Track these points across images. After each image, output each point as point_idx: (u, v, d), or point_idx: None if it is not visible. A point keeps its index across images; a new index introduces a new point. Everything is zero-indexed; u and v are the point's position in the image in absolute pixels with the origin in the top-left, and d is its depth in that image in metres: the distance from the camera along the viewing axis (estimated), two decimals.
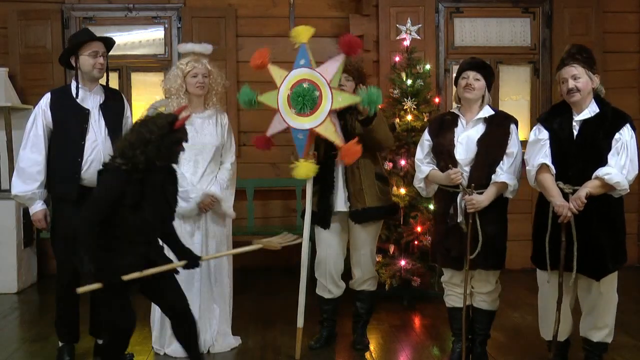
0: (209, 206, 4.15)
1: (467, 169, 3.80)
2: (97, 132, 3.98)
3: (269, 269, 6.28)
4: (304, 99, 3.96)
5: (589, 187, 3.48)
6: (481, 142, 3.80)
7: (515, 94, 6.72)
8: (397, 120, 5.42)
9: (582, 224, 3.53)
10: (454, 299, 4.02)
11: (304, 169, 4.05)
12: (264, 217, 6.61)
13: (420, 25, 6.01)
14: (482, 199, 3.74)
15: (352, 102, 4.01)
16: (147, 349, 4.34)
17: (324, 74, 3.97)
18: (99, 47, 4.00)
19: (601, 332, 3.75)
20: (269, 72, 4.14)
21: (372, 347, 4.44)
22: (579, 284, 3.73)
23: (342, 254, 4.35)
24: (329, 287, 4.35)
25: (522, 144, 3.89)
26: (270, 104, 4.12)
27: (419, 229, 5.27)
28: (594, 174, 3.48)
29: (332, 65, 4.00)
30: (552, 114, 3.73)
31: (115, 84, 6.48)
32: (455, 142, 3.84)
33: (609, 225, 3.60)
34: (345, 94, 4.04)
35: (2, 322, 5.07)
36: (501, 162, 3.78)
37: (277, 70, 4.13)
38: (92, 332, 4.21)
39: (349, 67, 4.16)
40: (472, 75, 3.86)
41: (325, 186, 4.21)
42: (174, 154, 3.37)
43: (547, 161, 3.60)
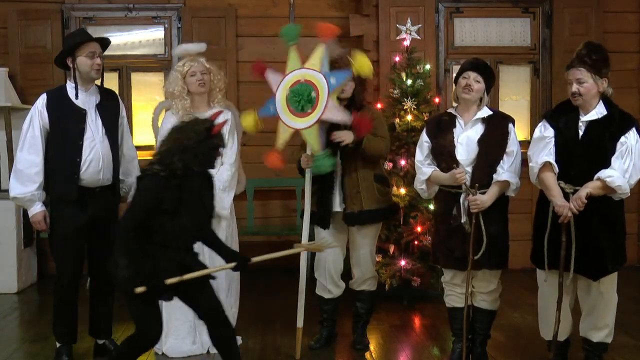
0: None
1: (469, 169, 3.80)
2: (94, 131, 3.97)
3: (269, 269, 6.27)
4: (303, 98, 3.96)
5: (589, 188, 3.48)
6: (481, 142, 3.80)
7: (515, 94, 6.72)
8: (397, 120, 5.42)
9: (582, 224, 3.53)
10: (454, 299, 4.01)
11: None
12: (264, 217, 6.61)
13: (420, 25, 6.01)
14: (486, 198, 3.74)
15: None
16: None
17: (311, 66, 3.98)
18: (95, 47, 3.99)
19: (601, 332, 3.75)
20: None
21: (372, 347, 4.44)
22: (579, 284, 3.74)
23: (341, 254, 4.35)
24: (329, 287, 4.35)
25: (521, 144, 3.90)
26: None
27: (419, 229, 5.27)
28: (596, 175, 3.48)
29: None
30: (559, 112, 3.72)
31: (115, 84, 6.51)
32: (455, 143, 3.84)
33: (609, 226, 3.59)
34: (338, 72, 4.01)
35: (2, 322, 5.07)
36: (501, 162, 3.78)
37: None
38: (91, 332, 4.21)
39: (339, 62, 4.15)
40: (472, 76, 3.86)
41: (324, 186, 4.21)
42: (211, 160, 3.32)
43: (551, 159, 3.59)
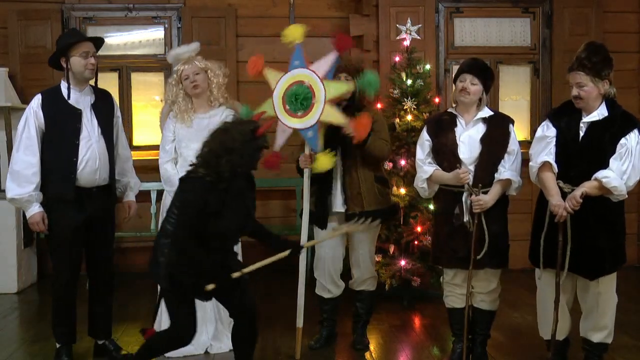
0: None
1: (472, 168, 3.81)
2: (90, 131, 3.97)
3: (269, 269, 6.27)
4: (297, 99, 3.96)
5: (585, 188, 3.49)
6: (484, 141, 3.81)
7: (515, 94, 6.72)
8: (397, 120, 5.42)
9: (580, 224, 3.54)
10: (454, 299, 4.02)
11: (325, 161, 4.00)
12: (264, 217, 6.58)
13: (420, 25, 6.00)
14: (489, 198, 3.75)
15: (344, 90, 4.02)
16: None
17: (317, 71, 3.98)
18: (89, 47, 3.98)
19: (601, 332, 3.75)
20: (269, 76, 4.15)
21: (372, 347, 4.44)
22: (578, 284, 3.74)
23: (340, 253, 4.35)
24: (329, 287, 4.35)
25: (520, 144, 3.91)
26: (269, 111, 4.08)
27: (419, 229, 5.27)
28: (594, 176, 3.48)
29: (323, 63, 4.00)
30: (562, 112, 3.72)
31: (115, 84, 6.51)
32: (457, 142, 3.84)
33: (607, 226, 3.60)
34: (336, 83, 4.03)
35: (2, 322, 5.07)
36: (503, 161, 3.79)
37: (272, 73, 4.13)
38: (90, 333, 4.21)
39: (349, 67, 4.16)
40: (469, 79, 3.85)
41: (323, 187, 4.21)
42: (255, 161, 3.33)
43: (551, 159, 3.60)
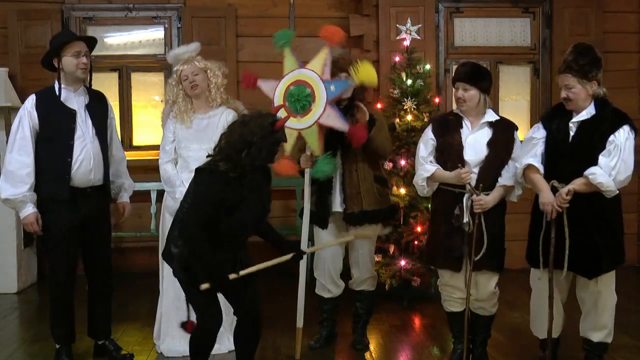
0: None
1: (476, 170, 3.81)
2: (84, 131, 3.96)
3: (269, 269, 6.27)
4: (298, 99, 3.97)
5: (573, 185, 3.52)
6: (491, 145, 3.81)
7: (515, 94, 6.72)
8: (397, 120, 5.42)
9: (577, 222, 3.56)
10: (453, 304, 4.01)
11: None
12: None
13: (420, 25, 6.00)
14: (489, 199, 3.76)
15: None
16: (147, 348, 4.35)
17: (318, 71, 3.99)
18: (81, 46, 3.96)
19: (601, 332, 3.75)
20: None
21: (372, 347, 4.44)
22: (577, 283, 3.75)
23: (340, 253, 4.36)
24: (328, 287, 4.35)
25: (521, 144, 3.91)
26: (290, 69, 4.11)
27: (419, 229, 5.27)
28: (584, 173, 3.51)
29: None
30: (554, 114, 3.75)
31: (115, 84, 6.52)
32: (463, 144, 3.84)
33: (604, 224, 3.62)
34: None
35: (2, 322, 5.07)
36: (506, 167, 3.81)
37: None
38: (90, 333, 4.20)
39: (348, 67, 4.16)
40: (461, 87, 3.85)
41: (323, 186, 4.21)
42: (273, 154, 3.32)
43: (535, 162, 3.63)
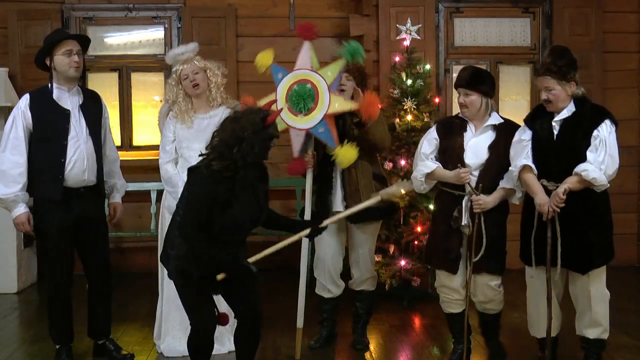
0: None
1: (476, 174, 3.82)
2: (78, 132, 3.95)
3: (269, 269, 6.28)
4: (302, 98, 3.96)
5: (568, 184, 3.56)
6: (492, 148, 3.83)
7: (515, 94, 6.72)
8: (397, 120, 5.43)
9: (570, 219, 3.60)
10: (451, 305, 4.01)
11: (347, 153, 3.99)
12: None
13: (420, 25, 6.00)
14: (489, 200, 3.77)
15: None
16: (147, 348, 4.35)
17: (300, 65, 4.00)
18: (73, 45, 3.94)
19: (596, 329, 3.78)
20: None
21: (372, 347, 4.44)
22: (570, 282, 3.78)
23: (340, 253, 4.36)
24: (329, 287, 4.35)
25: None
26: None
27: (419, 229, 5.27)
28: (574, 170, 3.55)
29: (302, 55, 4.04)
30: (535, 115, 3.80)
31: (115, 84, 6.52)
32: (465, 147, 3.86)
33: (596, 221, 3.67)
34: (341, 98, 4.04)
35: (2, 322, 5.07)
36: (509, 170, 3.81)
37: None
38: (90, 333, 4.20)
39: (350, 67, 4.16)
40: (462, 92, 3.88)
41: (323, 186, 4.22)
42: (265, 151, 3.29)
43: (529, 162, 3.65)
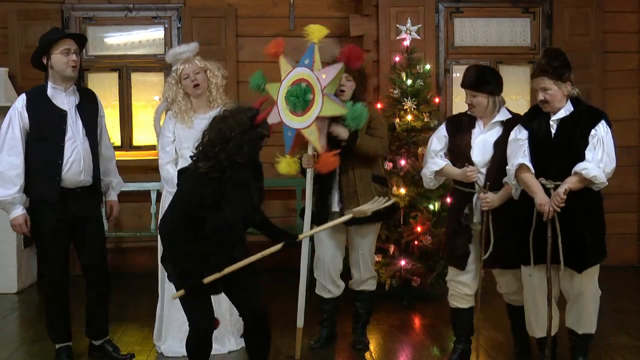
0: None
1: (484, 171, 3.86)
2: (75, 132, 3.93)
3: (269, 269, 6.27)
4: (298, 99, 3.96)
5: (568, 183, 3.58)
6: (498, 145, 3.85)
7: (515, 94, 6.71)
8: (397, 120, 5.42)
9: (566, 218, 3.62)
10: (459, 299, 4.02)
11: (286, 165, 4.10)
12: None
13: (420, 25, 6.00)
14: (495, 198, 3.81)
15: (337, 113, 4.02)
16: (147, 348, 4.35)
17: (320, 79, 3.97)
18: (70, 44, 3.93)
19: (585, 324, 3.82)
20: (276, 64, 4.18)
21: (372, 347, 4.44)
22: (562, 277, 3.79)
23: (340, 253, 4.36)
24: (328, 287, 4.35)
25: None
26: (272, 95, 4.13)
27: (419, 229, 5.27)
28: (573, 170, 3.58)
29: (330, 71, 3.99)
30: (532, 115, 3.82)
31: (115, 84, 6.52)
32: (472, 144, 3.89)
33: (591, 220, 3.71)
34: (334, 104, 4.01)
35: (2, 322, 5.07)
36: (507, 168, 3.81)
37: (285, 64, 4.14)
38: (88, 334, 4.18)
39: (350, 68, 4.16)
40: (469, 93, 3.91)
41: (323, 186, 4.21)
42: (255, 150, 3.23)
43: (526, 161, 3.67)
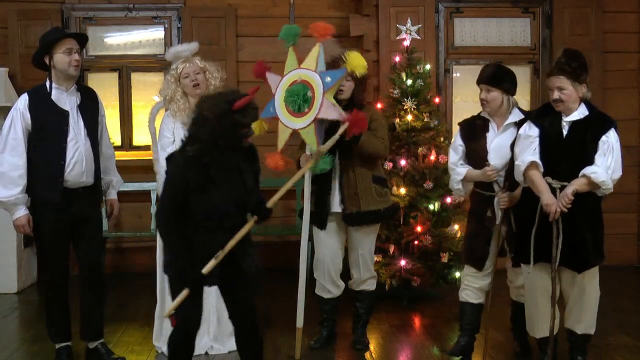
0: None
1: (502, 173, 3.90)
2: (77, 133, 3.94)
3: (269, 269, 6.26)
4: (299, 98, 3.96)
5: (575, 185, 3.60)
6: (513, 147, 3.86)
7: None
8: (397, 120, 5.42)
9: (569, 219, 3.64)
10: (470, 294, 4.07)
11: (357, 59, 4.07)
12: None
13: (420, 25, 6.01)
14: (514, 195, 3.86)
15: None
16: (147, 348, 4.35)
17: (324, 81, 3.97)
18: (72, 43, 3.93)
19: (585, 324, 3.83)
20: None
21: (372, 347, 4.44)
22: (563, 278, 3.80)
23: (340, 254, 4.35)
24: (328, 287, 4.35)
25: None
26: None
27: (419, 229, 5.27)
28: (581, 172, 3.59)
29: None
30: (543, 113, 3.81)
31: (115, 84, 6.52)
32: (488, 148, 3.93)
33: (593, 221, 3.73)
34: (333, 72, 4.00)
35: (2, 322, 5.08)
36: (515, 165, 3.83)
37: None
38: (82, 335, 4.15)
39: (342, 63, 4.15)
40: (484, 88, 3.95)
41: (322, 187, 4.21)
42: (234, 137, 3.08)
43: (536, 159, 3.68)
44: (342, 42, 6.12)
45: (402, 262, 5.27)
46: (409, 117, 5.40)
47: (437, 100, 5.75)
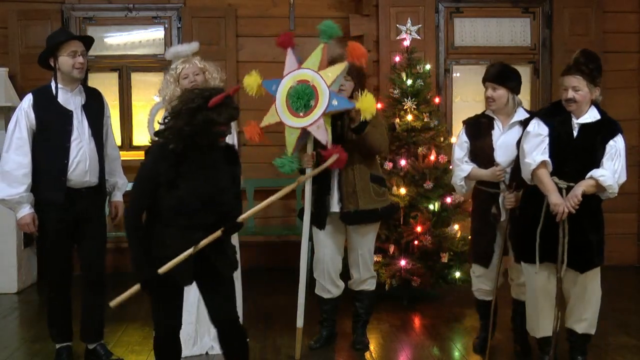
0: None
1: (509, 171, 3.93)
2: (81, 133, 3.94)
3: (269, 269, 6.28)
4: (302, 101, 3.96)
5: (583, 186, 3.60)
6: (520, 144, 3.86)
7: None
8: (397, 120, 5.43)
9: (573, 219, 3.64)
10: (481, 293, 4.17)
11: (253, 80, 4.10)
12: (264, 217, 6.59)
13: (420, 25, 6.02)
14: (519, 196, 3.88)
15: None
16: (147, 348, 4.34)
17: (326, 77, 3.97)
18: (77, 46, 3.94)
19: (586, 324, 3.85)
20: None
21: (372, 347, 4.44)
22: (565, 277, 3.80)
23: (339, 254, 4.36)
24: (328, 287, 4.35)
25: None
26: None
27: (419, 229, 5.27)
28: (589, 174, 3.61)
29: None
30: (552, 112, 3.80)
31: (115, 83, 6.52)
32: (494, 146, 3.96)
33: (596, 222, 3.76)
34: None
35: (2, 322, 5.08)
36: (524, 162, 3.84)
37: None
38: (82, 336, 4.15)
39: (350, 68, 4.15)
40: (490, 86, 3.98)
41: (321, 187, 4.21)
42: (207, 134, 3.02)
43: (546, 158, 3.68)
44: (342, 42, 6.11)
45: (402, 262, 5.27)
46: (409, 117, 5.40)
47: (437, 100, 5.76)
